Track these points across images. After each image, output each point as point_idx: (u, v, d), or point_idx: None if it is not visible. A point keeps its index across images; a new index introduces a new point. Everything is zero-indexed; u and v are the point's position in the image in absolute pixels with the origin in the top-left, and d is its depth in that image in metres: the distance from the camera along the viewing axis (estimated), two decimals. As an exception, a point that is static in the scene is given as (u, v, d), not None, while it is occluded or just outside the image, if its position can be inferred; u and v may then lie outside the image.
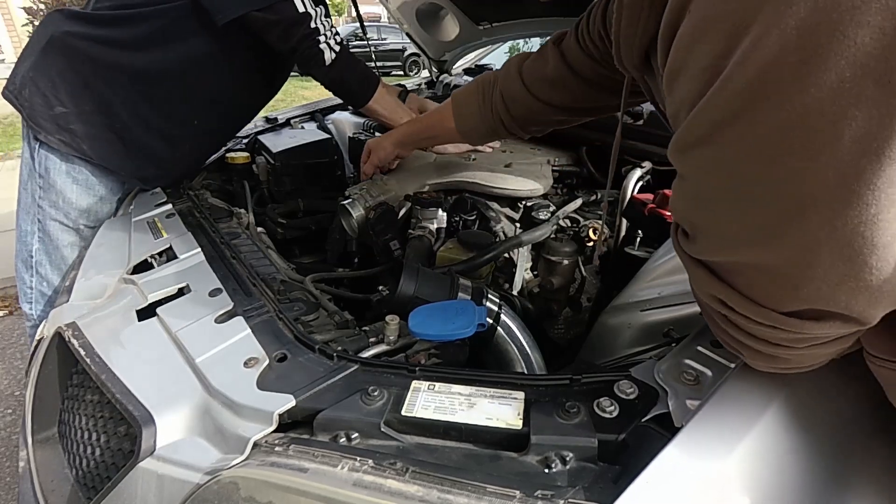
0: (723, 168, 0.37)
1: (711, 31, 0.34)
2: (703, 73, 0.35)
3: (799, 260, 0.35)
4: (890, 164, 0.29)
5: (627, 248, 0.96)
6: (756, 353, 0.46)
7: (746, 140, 0.34)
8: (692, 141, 0.38)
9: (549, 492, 0.43)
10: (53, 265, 1.16)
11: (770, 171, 0.33)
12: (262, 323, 0.69)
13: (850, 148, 0.30)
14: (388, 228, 1.08)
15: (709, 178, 0.39)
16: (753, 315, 0.41)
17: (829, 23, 0.28)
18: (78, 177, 1.11)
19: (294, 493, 0.46)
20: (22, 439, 0.76)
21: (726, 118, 0.34)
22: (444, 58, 1.96)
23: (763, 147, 0.33)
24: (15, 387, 1.94)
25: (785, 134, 0.31)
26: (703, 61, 0.35)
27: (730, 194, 0.37)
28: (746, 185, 0.36)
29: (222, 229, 1.00)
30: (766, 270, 0.38)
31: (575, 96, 0.84)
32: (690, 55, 0.36)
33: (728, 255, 0.41)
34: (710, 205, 0.40)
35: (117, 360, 0.66)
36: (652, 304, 0.75)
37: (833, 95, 0.29)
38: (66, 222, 1.13)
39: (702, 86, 0.35)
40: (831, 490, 0.47)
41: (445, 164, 1.22)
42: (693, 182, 0.41)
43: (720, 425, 0.47)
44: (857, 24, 0.27)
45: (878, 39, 0.27)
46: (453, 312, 0.67)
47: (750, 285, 0.40)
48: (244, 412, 0.55)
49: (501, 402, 0.53)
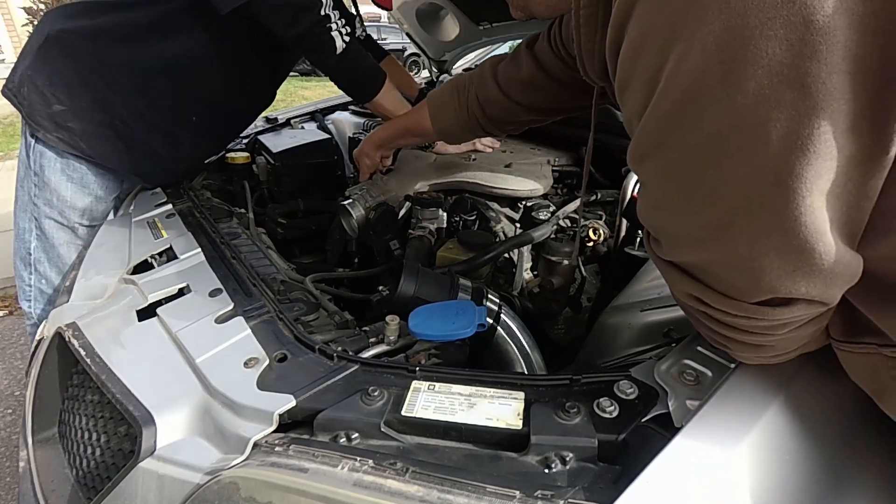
0: (670, 175, 0.40)
1: (647, 45, 0.37)
2: (645, 86, 0.38)
3: (751, 254, 0.38)
4: (816, 157, 0.32)
5: (627, 248, 0.96)
6: (741, 344, 0.48)
7: (686, 147, 0.37)
8: (642, 152, 0.41)
9: (549, 492, 0.43)
10: (52, 263, 1.15)
11: (713, 175, 0.36)
12: (262, 323, 0.69)
13: (779, 146, 0.32)
14: (388, 228, 1.08)
15: (661, 186, 0.43)
16: (727, 308, 0.44)
17: (742, 38, 0.31)
18: (73, 175, 1.10)
19: (294, 493, 0.46)
20: (22, 439, 0.76)
21: (666, 129, 0.37)
22: (444, 58, 1.95)
23: (704, 153, 0.36)
24: (15, 387, 1.94)
25: (719, 139, 0.34)
26: (644, 75, 0.38)
27: (680, 199, 0.41)
28: (692, 190, 0.39)
29: (222, 229, 1.00)
30: (725, 266, 0.41)
31: (548, 97, 0.86)
32: (633, 69, 0.39)
33: (689, 256, 0.44)
34: (665, 209, 0.43)
35: (117, 360, 0.66)
36: (652, 304, 0.75)
37: (756, 101, 0.32)
38: (61, 220, 1.13)
39: (644, 98, 0.38)
40: (831, 489, 0.47)
41: (445, 164, 1.22)
42: (649, 188, 0.45)
43: (720, 425, 0.47)
44: (767, 38, 0.30)
45: (786, 49, 0.30)
46: (453, 312, 0.67)
47: (717, 280, 0.43)
48: (244, 412, 0.55)
49: (501, 403, 0.53)
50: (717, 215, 0.38)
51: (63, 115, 1.04)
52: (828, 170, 0.33)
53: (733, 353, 0.51)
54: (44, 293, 1.17)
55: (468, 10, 1.66)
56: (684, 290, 0.47)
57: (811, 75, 0.30)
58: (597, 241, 1.05)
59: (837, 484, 0.48)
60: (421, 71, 2.92)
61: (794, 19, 0.29)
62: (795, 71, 0.30)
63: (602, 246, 1.06)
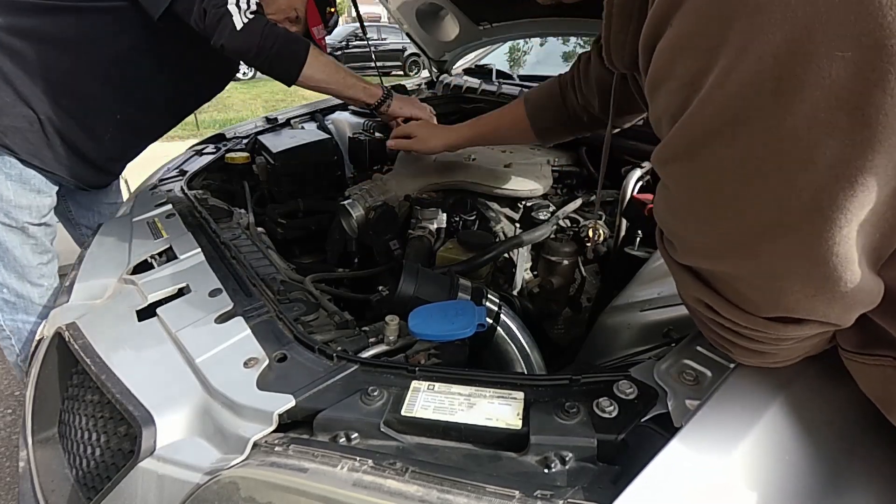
0: (699, 184, 0.38)
1: (690, 47, 0.34)
2: (684, 88, 0.36)
3: (772, 274, 0.36)
4: (862, 190, 0.30)
5: (627, 248, 0.96)
6: (744, 349, 0.47)
7: (722, 160, 0.34)
8: (670, 155, 0.39)
9: (549, 492, 0.43)
10: (9, 269, 1.10)
11: (745, 191, 0.34)
12: (262, 323, 0.69)
13: (825, 175, 0.30)
14: (388, 228, 1.08)
15: (686, 192, 0.40)
16: (737, 319, 0.42)
17: (805, 54, 0.28)
18: (11, 172, 1.06)
19: (294, 493, 0.46)
20: (22, 439, 0.76)
21: (704, 138, 0.35)
22: (444, 58, 1.95)
23: (738, 168, 0.34)
24: (15, 387, 1.94)
25: (760, 158, 0.32)
26: (684, 77, 0.36)
27: (705, 209, 0.39)
28: (719, 203, 0.37)
29: (222, 229, 1.00)
30: (743, 280, 0.39)
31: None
32: (672, 68, 0.37)
33: (705, 264, 0.43)
34: (687, 216, 0.41)
35: (117, 361, 0.66)
36: (652, 304, 0.75)
37: (808, 124, 0.29)
38: (8, 222, 1.08)
39: (682, 100, 0.36)
40: (831, 489, 0.47)
41: (445, 164, 1.22)
42: (672, 192, 0.42)
43: (720, 425, 0.47)
44: (832, 58, 0.28)
45: (852, 73, 0.27)
46: (453, 312, 0.67)
47: (732, 292, 0.42)
48: (244, 412, 0.55)
49: (501, 403, 0.54)
50: (741, 231, 0.36)
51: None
52: (871, 201, 0.31)
53: (734, 355, 0.51)
54: (8, 301, 1.13)
55: (468, 10, 1.66)
56: (694, 295, 0.46)
57: (873, 105, 0.28)
58: (597, 241, 1.05)
59: (837, 484, 0.48)
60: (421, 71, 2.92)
61: (866, 41, 0.27)
62: (857, 98, 0.28)
63: (602, 246, 1.06)
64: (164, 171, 1.39)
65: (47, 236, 1.16)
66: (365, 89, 1.21)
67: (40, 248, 1.14)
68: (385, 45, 11.86)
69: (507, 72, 1.82)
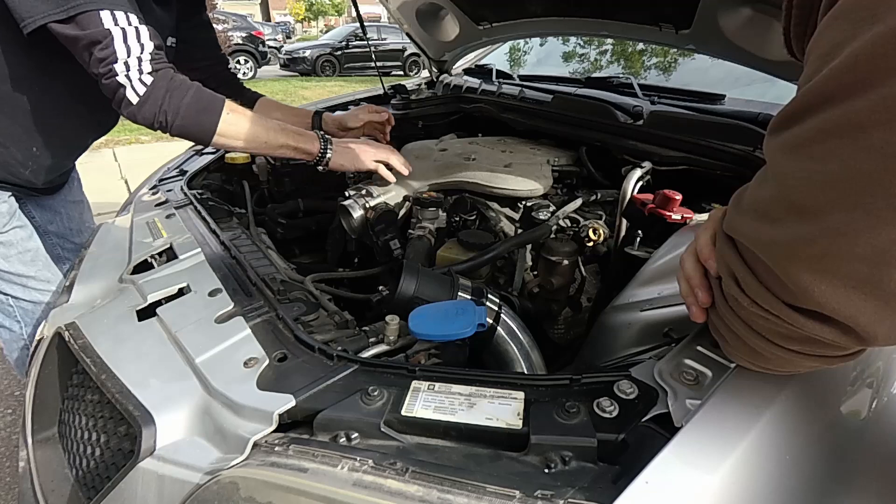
0: (803, 153, 0.35)
1: (841, 17, 0.33)
2: (819, 59, 0.34)
3: (838, 246, 0.34)
4: None
5: (627, 248, 0.96)
6: (741, 343, 0.46)
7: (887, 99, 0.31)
8: (796, 114, 0.36)
9: (549, 492, 0.43)
10: (11, 283, 1.05)
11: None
12: (261, 323, 0.69)
13: None
14: (388, 228, 1.08)
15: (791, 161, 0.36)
16: (761, 301, 0.40)
17: None
18: None
19: (294, 493, 0.46)
20: (22, 439, 0.76)
21: (815, 104, 0.33)
22: (444, 58, 1.95)
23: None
24: (15, 387, 1.94)
25: (860, 128, 0.30)
26: (823, 47, 0.34)
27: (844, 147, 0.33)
28: (865, 143, 0.32)
29: (222, 229, 1.00)
30: (794, 253, 0.36)
31: None
32: (818, 39, 0.35)
33: (773, 228, 0.38)
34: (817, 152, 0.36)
35: (117, 360, 0.66)
36: (652, 304, 0.75)
37: None
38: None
39: (811, 71, 0.34)
40: (831, 489, 0.47)
41: (445, 164, 1.22)
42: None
43: (720, 425, 0.47)
44: None
45: None
46: (453, 312, 0.67)
47: (766, 271, 0.39)
48: (244, 412, 0.55)
49: (501, 402, 0.53)
50: (861, 181, 0.32)
51: None
52: None
53: (726, 347, 0.50)
54: (27, 311, 1.09)
55: (468, 10, 1.66)
56: (728, 265, 0.44)
57: None
58: (597, 241, 1.05)
59: (837, 483, 0.48)
60: (421, 71, 2.92)
61: None
62: None
63: (602, 246, 1.06)
64: (164, 171, 1.39)
65: (25, 239, 1.09)
66: (296, 149, 1.04)
67: (25, 255, 1.07)
68: (385, 45, 11.87)
69: (507, 72, 1.82)
